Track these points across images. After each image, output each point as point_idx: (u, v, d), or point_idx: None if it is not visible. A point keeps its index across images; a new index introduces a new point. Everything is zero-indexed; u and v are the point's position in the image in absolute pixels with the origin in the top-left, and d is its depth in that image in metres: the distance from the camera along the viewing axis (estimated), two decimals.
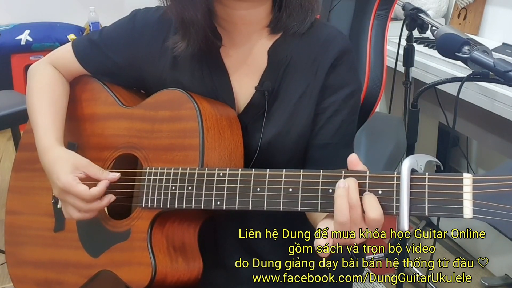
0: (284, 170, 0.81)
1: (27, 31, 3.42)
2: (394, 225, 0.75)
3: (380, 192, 0.74)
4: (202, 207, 0.88)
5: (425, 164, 0.74)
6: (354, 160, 0.77)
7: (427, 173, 0.72)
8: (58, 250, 1.07)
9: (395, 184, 0.73)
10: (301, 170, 0.80)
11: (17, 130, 2.41)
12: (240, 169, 0.86)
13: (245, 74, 1.01)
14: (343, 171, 0.77)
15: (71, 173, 0.95)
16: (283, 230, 1.06)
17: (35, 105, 1.07)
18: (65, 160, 0.98)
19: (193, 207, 0.89)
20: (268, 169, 0.83)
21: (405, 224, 0.71)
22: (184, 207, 0.90)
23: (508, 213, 0.66)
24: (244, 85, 1.01)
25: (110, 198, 0.96)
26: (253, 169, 0.84)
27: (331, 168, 0.80)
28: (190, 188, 0.89)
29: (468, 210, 0.69)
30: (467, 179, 0.69)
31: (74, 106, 1.12)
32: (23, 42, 3.40)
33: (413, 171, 0.72)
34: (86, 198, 0.94)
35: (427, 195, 0.71)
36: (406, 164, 0.72)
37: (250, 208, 0.84)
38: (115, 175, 0.97)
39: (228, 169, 0.86)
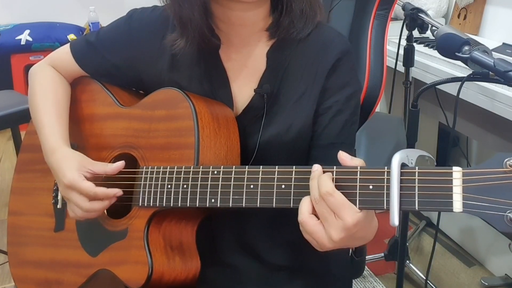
0: (277, 167, 0.82)
1: (27, 31, 3.42)
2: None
3: (371, 187, 0.73)
4: (197, 205, 0.88)
5: (417, 158, 0.74)
6: (344, 158, 0.77)
7: (417, 167, 0.71)
8: (58, 250, 1.08)
9: (385, 179, 0.72)
10: (294, 167, 0.80)
11: (17, 130, 2.41)
12: (234, 166, 0.86)
13: (244, 76, 1.01)
14: (335, 167, 0.76)
15: (77, 171, 0.96)
16: (281, 229, 1.06)
17: (39, 106, 1.07)
18: (71, 158, 0.99)
19: (188, 205, 0.89)
20: (261, 166, 0.83)
21: (395, 219, 0.70)
22: (179, 205, 0.90)
23: (498, 206, 0.65)
24: (243, 87, 1.01)
25: (112, 198, 0.96)
26: (247, 166, 0.85)
27: None
28: (185, 186, 0.89)
29: (458, 204, 0.68)
30: (457, 172, 0.68)
31: (73, 107, 1.12)
32: (23, 42, 3.40)
33: (403, 165, 0.72)
34: (90, 194, 0.94)
35: (417, 189, 0.70)
36: (396, 159, 0.71)
37: (244, 205, 0.84)
38: (119, 165, 0.98)
39: (222, 167, 0.87)
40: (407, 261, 2.13)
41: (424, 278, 1.98)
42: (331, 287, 1.11)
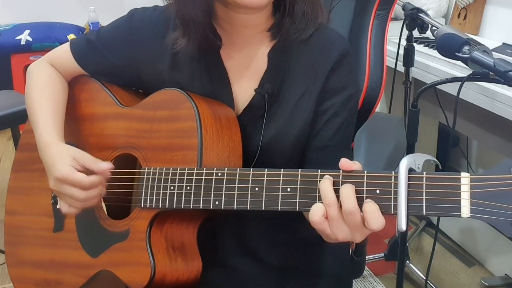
0: (282, 169, 0.81)
1: (27, 31, 3.42)
2: (394, 225, 0.75)
3: (378, 191, 0.74)
4: (201, 207, 0.88)
5: (423, 163, 0.74)
6: (346, 165, 0.76)
7: (424, 172, 0.71)
8: (58, 250, 1.07)
9: (392, 184, 0.73)
10: (299, 170, 0.80)
11: (17, 130, 2.41)
12: (238, 168, 0.86)
13: (245, 76, 1.01)
14: (341, 171, 0.76)
15: (69, 165, 0.95)
16: (281, 230, 1.06)
17: (34, 102, 1.07)
18: (65, 153, 0.98)
19: (191, 207, 0.89)
20: (266, 169, 0.83)
21: (403, 224, 0.70)
22: (182, 207, 0.90)
23: (506, 212, 0.66)
24: (244, 87, 1.01)
25: (106, 173, 0.96)
26: (252, 169, 0.84)
27: None
28: (188, 188, 0.89)
29: (465, 209, 0.68)
30: (465, 178, 0.69)
31: (72, 106, 1.12)
32: (23, 42, 3.39)
33: (411, 170, 0.72)
34: (85, 184, 0.93)
35: (425, 194, 0.71)
36: (404, 164, 0.72)
37: (248, 207, 0.83)
38: (107, 166, 0.96)
39: (226, 168, 0.86)
40: (407, 261, 2.13)
41: (424, 278, 1.98)
42: (331, 287, 1.11)
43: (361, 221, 0.73)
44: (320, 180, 0.77)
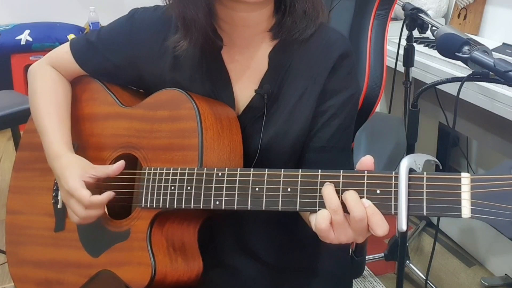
0: (282, 170, 0.81)
1: (27, 31, 3.42)
2: (394, 225, 0.75)
3: (378, 192, 0.73)
4: (201, 207, 0.88)
5: (424, 163, 0.74)
6: (368, 162, 0.76)
7: (425, 173, 0.71)
8: (59, 250, 1.08)
9: (393, 184, 0.73)
10: (300, 170, 0.80)
11: (17, 130, 2.41)
12: (239, 169, 0.86)
13: (246, 77, 1.01)
14: (341, 171, 0.76)
15: (79, 177, 0.96)
16: (281, 230, 1.06)
17: (41, 109, 1.07)
18: (75, 165, 0.99)
19: (192, 207, 0.89)
20: (266, 169, 0.83)
21: (403, 224, 0.70)
22: (183, 207, 0.90)
23: (507, 212, 0.66)
24: (244, 87, 1.00)
25: (107, 200, 0.96)
26: (252, 169, 0.84)
27: None
28: (189, 188, 0.89)
29: (466, 210, 0.68)
30: (465, 178, 0.69)
31: (73, 106, 1.12)
32: (23, 42, 3.39)
33: (411, 170, 0.72)
34: (85, 203, 0.94)
35: (425, 194, 0.71)
36: (404, 164, 0.71)
37: (249, 208, 0.83)
38: (120, 165, 0.97)
39: (227, 169, 0.86)
40: (407, 261, 2.13)
41: (424, 278, 1.98)
42: (331, 287, 1.11)
43: (367, 226, 0.73)
44: (320, 181, 0.77)
